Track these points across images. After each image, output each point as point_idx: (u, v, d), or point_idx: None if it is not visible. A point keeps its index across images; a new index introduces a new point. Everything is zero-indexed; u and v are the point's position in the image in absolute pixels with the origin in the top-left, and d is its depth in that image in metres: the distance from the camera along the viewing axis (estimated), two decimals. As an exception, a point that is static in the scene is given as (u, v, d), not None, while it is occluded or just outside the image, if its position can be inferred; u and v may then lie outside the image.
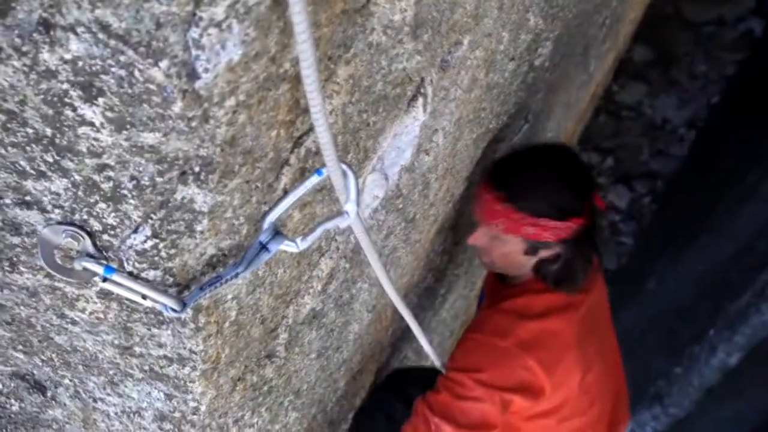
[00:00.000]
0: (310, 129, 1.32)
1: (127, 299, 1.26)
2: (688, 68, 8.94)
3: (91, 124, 1.01)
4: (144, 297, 1.22)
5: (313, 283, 1.73)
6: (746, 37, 8.82)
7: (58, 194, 1.13)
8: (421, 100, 1.70)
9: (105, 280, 1.21)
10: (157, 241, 1.18)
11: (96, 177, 1.09)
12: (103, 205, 1.13)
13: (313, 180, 1.32)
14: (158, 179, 1.09)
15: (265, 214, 1.31)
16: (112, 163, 1.07)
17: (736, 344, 6.02)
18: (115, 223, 1.16)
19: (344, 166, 1.31)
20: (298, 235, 1.36)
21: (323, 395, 2.36)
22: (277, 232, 1.32)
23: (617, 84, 8.67)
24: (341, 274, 1.86)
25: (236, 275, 1.29)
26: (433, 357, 2.50)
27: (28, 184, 1.12)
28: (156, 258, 1.21)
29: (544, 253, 2.41)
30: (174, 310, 1.24)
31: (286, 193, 1.33)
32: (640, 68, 8.88)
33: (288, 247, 1.33)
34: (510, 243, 2.40)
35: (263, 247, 1.31)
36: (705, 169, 7.97)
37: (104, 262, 1.20)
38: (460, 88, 1.94)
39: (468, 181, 2.68)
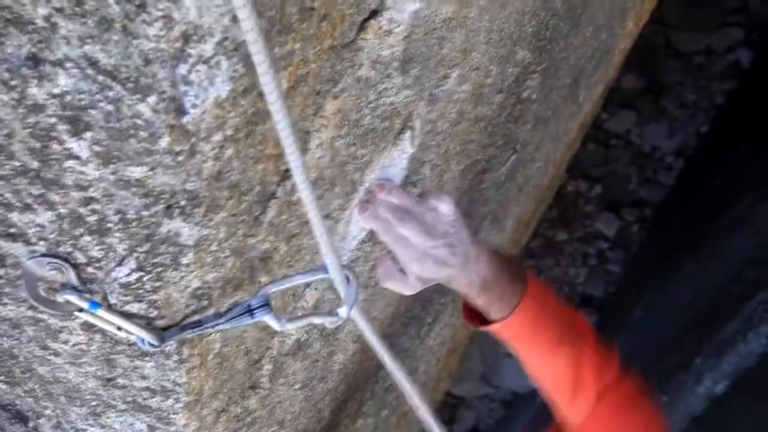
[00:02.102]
0: (298, 163, 1.32)
1: (109, 331, 1.26)
2: (678, 97, 9.00)
3: (78, 157, 1.01)
4: (119, 329, 1.23)
5: (298, 314, 1.73)
6: (735, 67, 8.89)
7: (43, 226, 1.13)
8: (408, 133, 1.70)
9: (81, 310, 1.21)
10: (142, 273, 1.18)
11: (81, 210, 1.09)
12: (88, 238, 1.13)
13: (319, 275, 1.45)
14: (144, 213, 1.09)
15: (264, 285, 1.39)
16: (98, 197, 1.07)
17: (722, 372, 6.01)
18: (99, 256, 1.16)
19: (349, 274, 1.46)
20: (285, 314, 1.41)
21: (308, 425, 2.34)
22: (267, 304, 1.37)
23: (606, 112, 8.71)
24: (326, 305, 1.86)
25: (215, 326, 1.32)
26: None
27: (14, 216, 1.12)
28: (140, 291, 1.21)
29: None
30: (152, 345, 1.25)
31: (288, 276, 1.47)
32: (630, 97, 8.93)
33: (271, 322, 1.38)
34: None
35: (249, 311, 1.35)
36: (693, 197, 8.01)
37: (89, 296, 1.20)
38: (447, 121, 1.94)
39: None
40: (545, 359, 1.93)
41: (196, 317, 1.31)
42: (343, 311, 1.49)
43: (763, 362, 5.73)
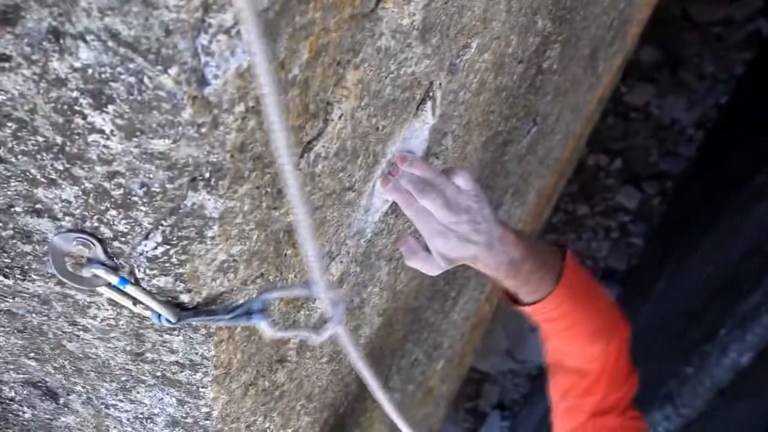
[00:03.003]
0: (320, 134, 1.32)
1: (125, 306, 1.27)
2: (696, 69, 8.94)
3: (102, 131, 1.02)
4: (135, 303, 1.24)
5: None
6: (754, 37, 8.82)
7: (68, 202, 1.13)
8: (429, 103, 1.69)
9: (109, 285, 1.22)
10: (168, 247, 1.18)
11: (106, 184, 1.09)
12: (113, 212, 1.13)
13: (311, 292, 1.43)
14: (168, 186, 1.09)
15: (268, 290, 1.40)
16: (123, 170, 1.07)
17: (747, 344, 5.99)
18: (125, 230, 1.16)
19: (335, 297, 1.41)
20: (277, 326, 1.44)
21: (335, 399, 2.35)
22: (264, 310, 1.37)
23: (625, 85, 8.67)
24: (352, 278, 1.86)
25: (218, 320, 1.33)
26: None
27: (39, 192, 1.13)
28: (167, 264, 1.21)
29: None
30: (169, 321, 1.26)
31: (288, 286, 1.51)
32: (648, 69, 8.88)
33: (264, 328, 1.38)
34: None
35: (249, 313, 1.36)
36: (714, 169, 7.96)
37: (116, 271, 1.20)
38: (468, 92, 1.93)
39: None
40: (575, 347, 1.90)
41: (215, 305, 1.32)
42: (326, 331, 1.48)
43: (788, 333, 5.71)
